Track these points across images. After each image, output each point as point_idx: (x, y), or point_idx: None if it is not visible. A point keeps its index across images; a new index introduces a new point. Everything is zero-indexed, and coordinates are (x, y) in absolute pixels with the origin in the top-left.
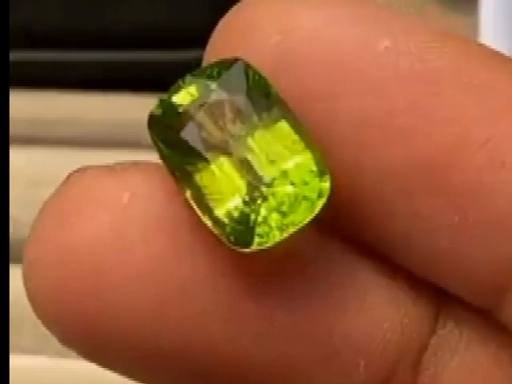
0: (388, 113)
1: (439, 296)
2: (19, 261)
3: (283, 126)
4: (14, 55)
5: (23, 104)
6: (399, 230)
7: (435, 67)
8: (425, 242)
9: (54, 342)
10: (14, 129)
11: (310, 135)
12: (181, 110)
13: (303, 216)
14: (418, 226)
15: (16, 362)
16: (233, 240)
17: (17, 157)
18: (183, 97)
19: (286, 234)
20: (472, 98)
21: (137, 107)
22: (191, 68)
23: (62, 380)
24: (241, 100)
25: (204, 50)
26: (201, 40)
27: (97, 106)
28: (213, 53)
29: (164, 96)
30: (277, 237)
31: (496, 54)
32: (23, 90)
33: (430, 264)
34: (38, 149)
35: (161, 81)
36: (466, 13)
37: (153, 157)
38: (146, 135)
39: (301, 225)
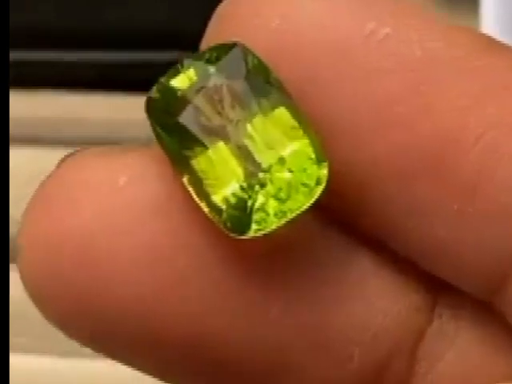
0: (388, 100)
1: (436, 286)
2: None
3: (282, 112)
4: (15, 55)
5: (23, 104)
6: (397, 216)
7: (435, 54)
8: (423, 230)
9: (54, 341)
10: (14, 128)
11: (308, 121)
12: (179, 94)
13: (301, 203)
14: (416, 213)
15: (16, 361)
16: (229, 226)
17: (17, 157)
18: (182, 80)
19: (283, 221)
20: (471, 83)
21: (138, 107)
22: None
23: (63, 380)
24: (239, 85)
25: None
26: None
27: (98, 106)
28: (211, 38)
29: (162, 79)
30: (274, 223)
31: (492, 40)
32: (24, 90)
33: (428, 252)
34: (39, 149)
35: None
36: (467, 17)
37: None
38: (146, 135)
39: (298, 211)
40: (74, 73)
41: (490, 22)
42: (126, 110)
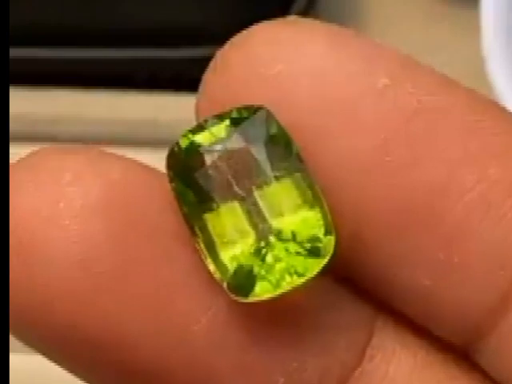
0: (380, 150)
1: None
2: None
3: (295, 179)
4: (15, 52)
5: (24, 101)
6: (382, 265)
7: (430, 107)
8: (407, 278)
9: None
10: (14, 126)
11: (320, 190)
12: (200, 150)
13: (308, 270)
14: (402, 262)
15: (16, 361)
16: (233, 287)
17: (17, 154)
18: (205, 137)
19: (288, 287)
20: (464, 139)
21: (138, 106)
22: (194, 66)
23: (62, 380)
24: (258, 149)
25: (208, 47)
26: (204, 38)
27: (98, 104)
28: (213, 87)
29: (186, 133)
30: (279, 289)
31: (482, 98)
32: (24, 88)
33: (410, 300)
34: (39, 146)
35: (162, 79)
36: (467, 16)
37: (154, 155)
38: (146, 133)
39: (304, 279)
40: (75, 70)
41: (489, 21)
42: (128, 108)
